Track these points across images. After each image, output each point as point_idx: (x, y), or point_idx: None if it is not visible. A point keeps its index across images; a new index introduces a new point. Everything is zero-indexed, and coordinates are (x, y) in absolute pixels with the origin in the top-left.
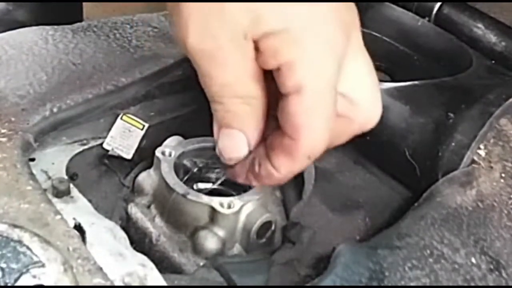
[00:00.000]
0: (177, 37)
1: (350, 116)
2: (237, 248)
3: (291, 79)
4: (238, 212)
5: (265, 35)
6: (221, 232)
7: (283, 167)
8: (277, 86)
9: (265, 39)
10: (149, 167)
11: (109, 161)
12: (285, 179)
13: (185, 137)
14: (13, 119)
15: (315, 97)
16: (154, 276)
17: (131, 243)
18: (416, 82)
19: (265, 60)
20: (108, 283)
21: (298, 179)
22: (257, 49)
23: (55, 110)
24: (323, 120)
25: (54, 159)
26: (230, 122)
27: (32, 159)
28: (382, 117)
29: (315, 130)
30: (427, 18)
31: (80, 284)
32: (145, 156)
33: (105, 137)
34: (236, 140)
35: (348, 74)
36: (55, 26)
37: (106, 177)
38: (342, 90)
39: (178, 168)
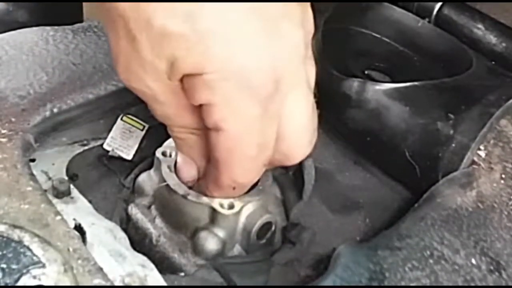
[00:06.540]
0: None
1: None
2: (237, 249)
3: (209, 119)
4: (238, 213)
5: (184, 77)
6: (221, 233)
7: (214, 192)
8: None
9: (185, 80)
10: (149, 167)
11: (109, 162)
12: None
13: None
14: (13, 119)
15: (234, 138)
16: (154, 276)
17: (131, 243)
18: (416, 83)
19: (188, 98)
20: (108, 284)
21: (298, 180)
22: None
23: (55, 110)
24: (243, 160)
25: (55, 160)
26: (181, 148)
27: (33, 160)
28: (382, 118)
29: (234, 167)
30: (427, 19)
31: (80, 285)
32: (145, 156)
33: (106, 138)
34: (187, 165)
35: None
36: (56, 27)
37: (106, 178)
38: None
39: None
